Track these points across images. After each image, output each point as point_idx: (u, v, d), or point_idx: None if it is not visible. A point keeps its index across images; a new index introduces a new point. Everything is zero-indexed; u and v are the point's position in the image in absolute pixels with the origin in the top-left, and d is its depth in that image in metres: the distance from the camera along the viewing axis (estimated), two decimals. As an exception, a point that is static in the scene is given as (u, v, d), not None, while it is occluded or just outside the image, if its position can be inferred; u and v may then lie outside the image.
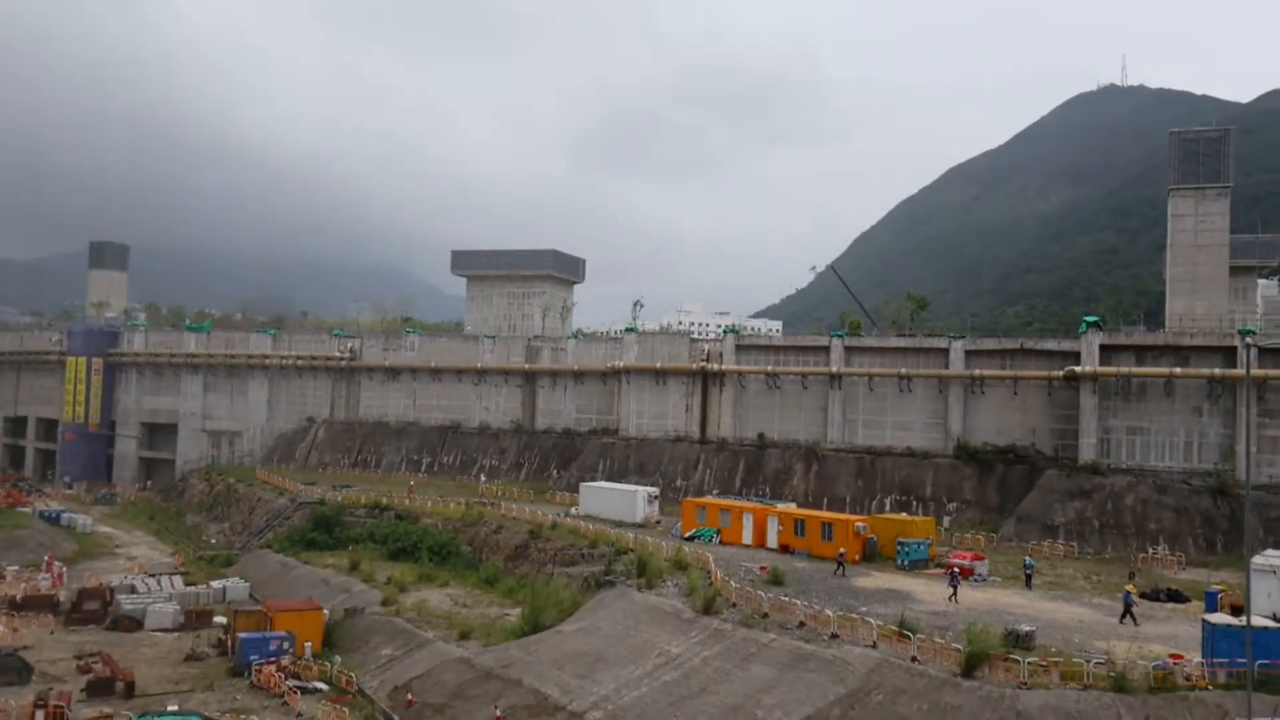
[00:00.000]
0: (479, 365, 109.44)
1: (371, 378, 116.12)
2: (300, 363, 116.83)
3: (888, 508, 78.04)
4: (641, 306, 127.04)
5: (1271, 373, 69.70)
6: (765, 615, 44.82)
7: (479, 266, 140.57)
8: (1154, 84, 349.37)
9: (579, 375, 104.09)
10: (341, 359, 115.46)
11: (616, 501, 76.19)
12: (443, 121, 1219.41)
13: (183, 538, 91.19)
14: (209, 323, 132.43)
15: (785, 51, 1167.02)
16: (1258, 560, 49.39)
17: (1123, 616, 44.99)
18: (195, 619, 60.70)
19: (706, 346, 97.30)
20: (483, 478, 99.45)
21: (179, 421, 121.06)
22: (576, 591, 55.48)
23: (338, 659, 51.64)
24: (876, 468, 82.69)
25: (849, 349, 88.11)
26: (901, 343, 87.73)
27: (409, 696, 44.44)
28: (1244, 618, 33.31)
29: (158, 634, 58.70)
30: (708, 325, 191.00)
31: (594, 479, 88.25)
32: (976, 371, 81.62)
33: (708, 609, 46.40)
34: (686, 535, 66.95)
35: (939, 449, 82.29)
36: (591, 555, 62.55)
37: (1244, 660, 31.35)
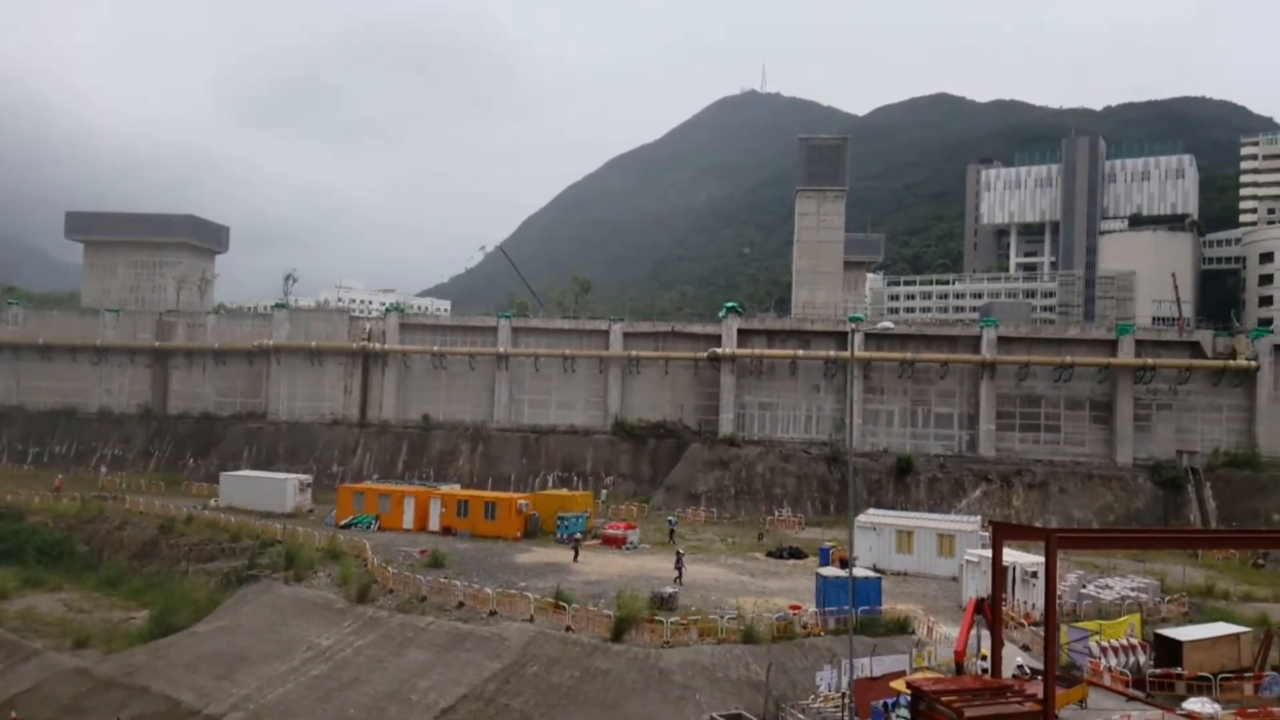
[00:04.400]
0: (99, 342, 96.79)
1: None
2: None
3: (551, 484, 80.00)
4: (294, 281, 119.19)
5: (875, 354, 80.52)
6: (424, 599, 44.07)
7: (101, 231, 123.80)
8: (788, 92, 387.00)
9: (220, 354, 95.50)
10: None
11: (263, 491, 71.18)
12: (62, 63, 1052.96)
13: None
14: None
15: (467, 13, 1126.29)
16: (861, 519, 56.99)
17: None
18: None
19: (368, 325, 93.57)
20: (104, 469, 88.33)
21: None
22: (215, 589, 51.93)
23: (-86, 683, 44.33)
24: (541, 445, 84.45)
25: (516, 330, 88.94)
26: (566, 324, 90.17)
27: (13, 714, 39.87)
28: (850, 570, 38.04)
29: None
30: (370, 303, 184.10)
31: (238, 467, 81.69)
32: (633, 352, 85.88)
33: (362, 597, 44.86)
34: (343, 523, 64.10)
35: (599, 426, 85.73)
36: (234, 550, 58.14)
37: (849, 608, 35.79)
